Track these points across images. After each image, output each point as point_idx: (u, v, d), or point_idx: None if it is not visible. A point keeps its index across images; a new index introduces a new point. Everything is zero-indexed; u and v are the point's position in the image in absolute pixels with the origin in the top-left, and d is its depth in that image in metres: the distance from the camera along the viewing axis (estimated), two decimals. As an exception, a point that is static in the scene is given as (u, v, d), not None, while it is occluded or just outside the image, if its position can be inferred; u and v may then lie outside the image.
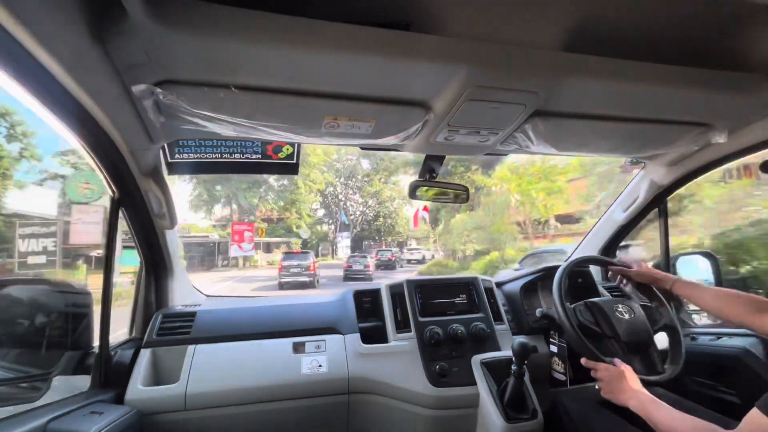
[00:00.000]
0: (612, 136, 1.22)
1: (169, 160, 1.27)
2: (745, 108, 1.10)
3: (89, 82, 0.80)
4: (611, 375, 1.06)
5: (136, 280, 1.47)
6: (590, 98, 1.02)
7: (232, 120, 0.94)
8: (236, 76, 0.83)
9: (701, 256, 1.70)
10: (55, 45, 0.68)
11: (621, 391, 1.03)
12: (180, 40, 0.70)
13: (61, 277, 9.13)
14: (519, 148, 1.23)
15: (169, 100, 0.84)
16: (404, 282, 1.54)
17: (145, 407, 1.16)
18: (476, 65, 0.83)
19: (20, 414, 0.92)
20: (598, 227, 1.88)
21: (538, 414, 1.21)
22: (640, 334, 1.22)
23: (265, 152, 1.34)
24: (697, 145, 1.26)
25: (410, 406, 1.30)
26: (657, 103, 1.06)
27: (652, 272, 1.28)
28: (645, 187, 1.60)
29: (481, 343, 1.41)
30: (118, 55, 0.74)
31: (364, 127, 1.04)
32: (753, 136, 1.26)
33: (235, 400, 1.24)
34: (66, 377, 1.16)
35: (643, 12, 0.82)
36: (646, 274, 1.29)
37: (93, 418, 0.98)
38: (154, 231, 1.36)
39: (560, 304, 1.23)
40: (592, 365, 1.13)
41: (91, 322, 1.22)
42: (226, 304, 1.57)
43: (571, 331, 1.19)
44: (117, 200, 1.20)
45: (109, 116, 0.93)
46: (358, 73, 0.85)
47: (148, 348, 1.30)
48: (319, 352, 1.36)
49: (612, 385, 1.06)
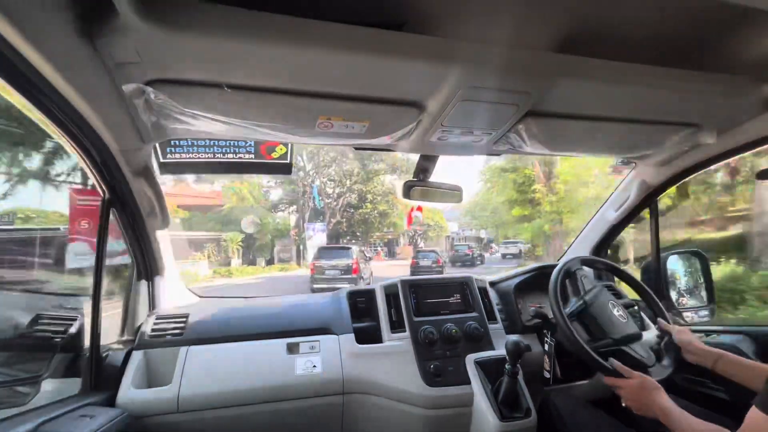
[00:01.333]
0: (603, 137, 1.23)
1: (161, 160, 1.26)
2: (734, 109, 1.12)
3: (79, 80, 0.79)
4: (634, 389, 1.04)
5: (127, 280, 1.45)
6: (582, 99, 1.03)
7: (225, 120, 0.93)
8: (228, 76, 0.82)
9: (691, 255, 1.73)
10: (44, 43, 0.67)
11: (648, 405, 1.00)
12: (171, 38, 0.69)
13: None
14: (512, 148, 1.24)
15: (161, 99, 0.83)
16: (398, 282, 1.54)
17: (137, 410, 1.15)
18: (469, 66, 0.84)
19: (9, 418, 0.90)
20: (590, 227, 1.90)
21: (531, 412, 1.22)
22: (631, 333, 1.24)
23: (258, 152, 1.33)
24: (686, 146, 1.28)
25: (405, 406, 1.30)
26: (647, 104, 1.07)
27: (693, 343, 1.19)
28: (636, 187, 1.62)
29: (475, 343, 1.41)
30: (108, 53, 0.73)
31: (357, 127, 1.04)
32: (741, 137, 1.28)
33: (228, 401, 1.23)
34: (56, 380, 1.14)
35: (634, 14, 0.83)
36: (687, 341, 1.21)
37: (84, 422, 0.97)
38: (146, 231, 1.35)
39: (556, 304, 1.24)
40: (615, 383, 1.09)
41: (81, 323, 1.20)
42: (219, 305, 1.56)
43: (566, 330, 1.20)
44: (107, 200, 1.18)
45: (100, 115, 0.91)
46: (351, 73, 0.84)
47: (140, 350, 1.29)
48: (313, 353, 1.36)
49: (639, 400, 1.03)
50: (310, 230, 19.60)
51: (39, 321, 1.19)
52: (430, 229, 26.24)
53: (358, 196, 22.12)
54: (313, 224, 20.04)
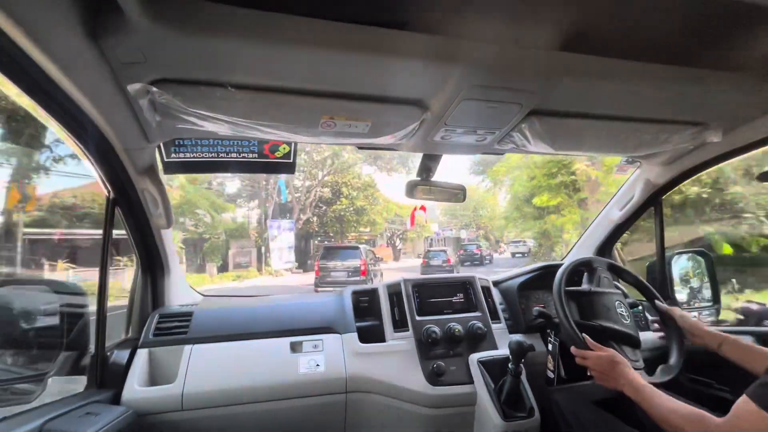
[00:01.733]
0: (608, 136, 1.22)
1: (165, 160, 1.27)
2: (740, 107, 1.11)
3: (84, 81, 0.79)
4: (602, 361, 1.07)
5: (132, 279, 1.46)
6: (586, 98, 1.02)
7: (229, 119, 0.93)
8: (232, 75, 0.82)
9: (696, 254, 1.72)
10: (50, 43, 0.67)
11: (614, 378, 1.03)
12: (176, 38, 0.70)
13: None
14: (516, 147, 1.23)
15: (165, 99, 0.83)
16: (402, 281, 1.54)
17: (141, 408, 1.16)
18: (472, 64, 0.83)
19: (15, 415, 0.91)
20: (594, 226, 1.89)
21: (535, 412, 1.21)
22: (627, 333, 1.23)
23: (262, 151, 1.33)
24: (692, 144, 1.27)
25: (408, 405, 1.30)
26: (652, 103, 1.06)
27: (698, 325, 1.21)
28: (640, 186, 1.61)
29: (479, 342, 1.41)
30: (113, 53, 0.73)
31: (360, 126, 1.04)
32: (747, 136, 1.27)
33: (232, 400, 1.24)
34: (62, 378, 1.15)
35: (638, 12, 0.82)
36: (691, 324, 1.22)
37: (89, 419, 0.98)
38: (150, 230, 1.35)
39: (559, 303, 1.23)
40: (581, 353, 1.12)
41: (87, 322, 1.21)
42: (223, 304, 1.57)
43: (567, 325, 1.20)
44: (112, 200, 1.19)
45: (105, 115, 0.92)
46: (354, 72, 0.84)
47: (144, 348, 1.30)
48: (316, 352, 1.36)
49: (604, 372, 1.05)
50: (274, 229, 15.93)
51: (45, 319, 1.20)
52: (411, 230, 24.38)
53: (331, 190, 19.16)
54: (278, 221, 16.54)
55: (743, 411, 0.75)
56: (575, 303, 1.27)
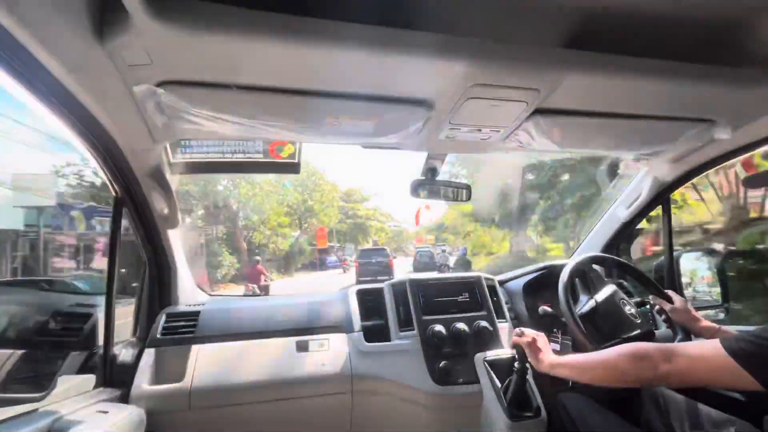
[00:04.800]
0: (615, 133, 1.21)
1: (171, 160, 1.28)
2: (750, 103, 1.09)
3: (90, 82, 0.80)
4: (528, 344, 1.08)
5: (140, 279, 1.48)
6: (592, 95, 1.01)
7: (234, 120, 0.93)
8: (238, 76, 0.83)
9: (705, 252, 1.70)
10: (56, 46, 0.68)
11: (537, 361, 1.04)
12: (181, 40, 0.70)
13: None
14: (521, 145, 1.22)
15: (171, 100, 0.84)
16: (407, 281, 1.54)
17: (149, 406, 1.17)
18: (477, 63, 0.83)
19: (25, 414, 0.92)
20: (600, 225, 1.87)
21: (541, 412, 1.21)
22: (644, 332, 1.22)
23: (267, 152, 1.34)
24: (700, 141, 1.25)
25: (413, 405, 1.30)
26: (660, 99, 1.05)
27: (691, 316, 1.21)
28: (648, 184, 1.59)
29: (484, 342, 1.41)
30: (118, 55, 0.74)
31: (365, 125, 1.03)
32: (757, 132, 1.25)
33: (239, 399, 1.24)
34: (71, 376, 1.17)
35: (645, 7, 0.82)
36: (684, 314, 1.23)
37: (98, 417, 0.99)
38: (157, 230, 1.36)
39: (566, 303, 1.22)
40: (515, 332, 1.13)
41: (95, 321, 1.22)
42: (229, 304, 1.58)
43: (572, 323, 1.19)
44: (119, 200, 1.20)
45: (111, 116, 0.93)
46: (359, 72, 0.84)
47: (152, 347, 1.31)
48: (322, 351, 1.36)
49: (530, 354, 1.07)
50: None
51: (54, 319, 1.22)
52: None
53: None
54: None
55: (711, 353, 0.75)
56: (592, 326, 1.26)
